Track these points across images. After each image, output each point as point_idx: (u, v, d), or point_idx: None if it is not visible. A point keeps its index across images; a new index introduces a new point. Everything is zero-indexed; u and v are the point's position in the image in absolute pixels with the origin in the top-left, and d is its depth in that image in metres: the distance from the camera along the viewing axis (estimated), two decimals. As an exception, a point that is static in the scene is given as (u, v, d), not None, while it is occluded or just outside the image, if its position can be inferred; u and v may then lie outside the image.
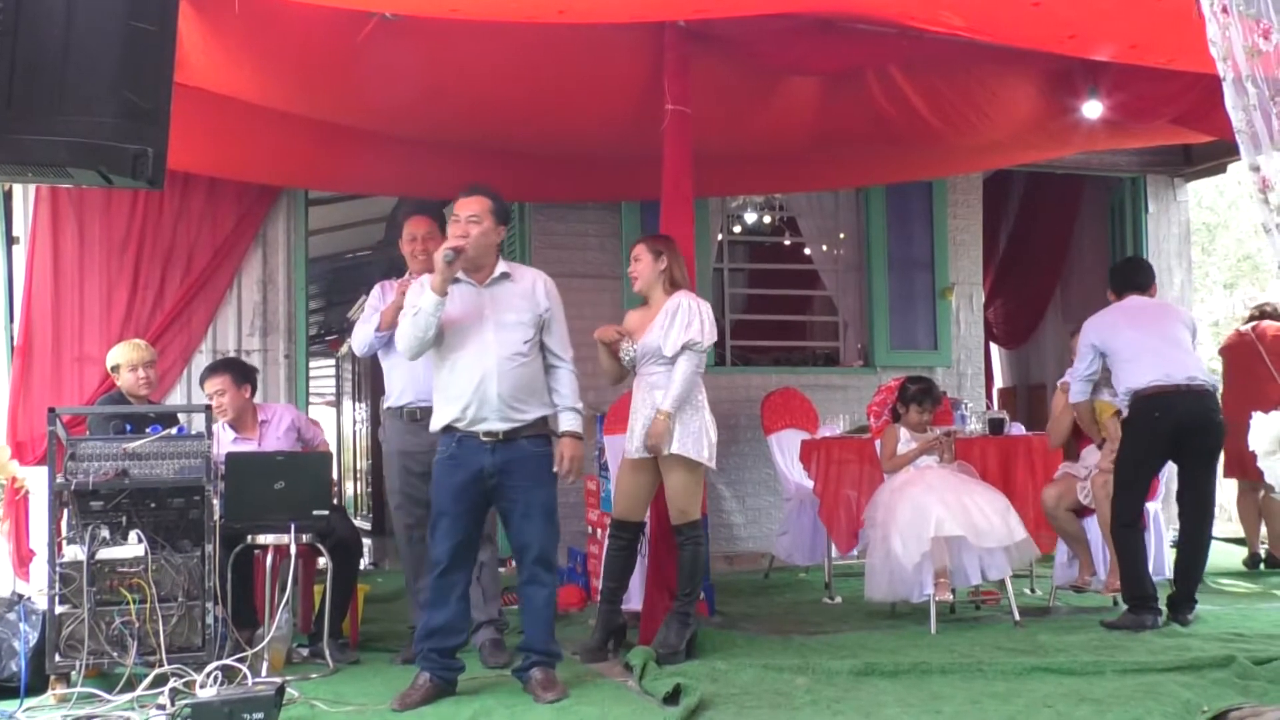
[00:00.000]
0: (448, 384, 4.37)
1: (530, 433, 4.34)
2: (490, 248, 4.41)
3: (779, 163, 6.88)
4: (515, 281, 4.46)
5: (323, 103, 5.52)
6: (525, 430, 4.32)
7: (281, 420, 5.68)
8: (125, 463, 4.45)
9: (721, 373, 8.15)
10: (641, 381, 5.00)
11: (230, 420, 5.53)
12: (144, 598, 4.29)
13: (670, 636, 4.84)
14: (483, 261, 4.40)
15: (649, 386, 4.95)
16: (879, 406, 6.07)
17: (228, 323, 7.02)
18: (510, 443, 4.29)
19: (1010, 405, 10.57)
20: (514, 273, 4.49)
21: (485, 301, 4.38)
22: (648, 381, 4.96)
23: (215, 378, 5.54)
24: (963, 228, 8.91)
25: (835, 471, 6.28)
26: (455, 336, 4.35)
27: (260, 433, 5.60)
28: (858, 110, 5.89)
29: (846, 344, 8.87)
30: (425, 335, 4.27)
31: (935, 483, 5.49)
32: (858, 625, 5.64)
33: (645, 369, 4.98)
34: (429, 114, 5.59)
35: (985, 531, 5.30)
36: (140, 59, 3.55)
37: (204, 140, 5.74)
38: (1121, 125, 6.41)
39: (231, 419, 5.52)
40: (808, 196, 8.81)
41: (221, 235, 6.94)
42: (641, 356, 4.98)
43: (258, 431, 5.59)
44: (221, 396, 5.48)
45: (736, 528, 8.19)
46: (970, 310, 8.89)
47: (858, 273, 8.80)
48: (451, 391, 4.34)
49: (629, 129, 5.65)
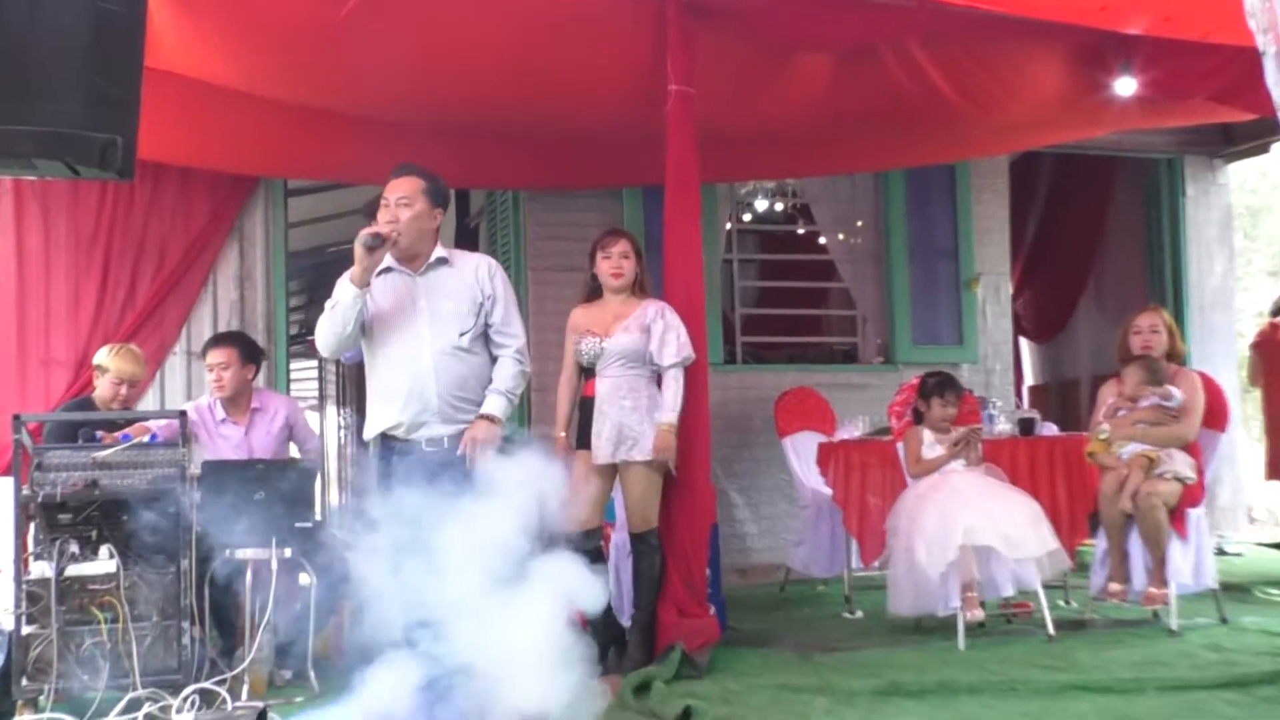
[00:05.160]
0: (381, 385, 4.35)
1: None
2: (425, 233, 4.39)
3: (791, 145, 6.87)
4: (454, 266, 4.43)
5: (303, 85, 5.52)
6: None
7: (276, 414, 5.69)
8: (95, 473, 4.45)
9: (732, 371, 8.15)
10: (605, 383, 5.09)
11: (225, 398, 5.55)
12: (116, 617, 4.30)
13: (636, 651, 4.98)
14: (417, 248, 4.38)
15: (617, 390, 5.06)
16: (901, 406, 6.08)
17: (203, 322, 7.02)
18: (455, 449, 4.27)
19: (1042, 404, 10.56)
20: (454, 259, 4.46)
21: (419, 291, 4.36)
22: (613, 384, 5.07)
23: (221, 349, 5.58)
24: (988, 214, 8.89)
25: (856, 477, 6.28)
26: (387, 331, 4.32)
27: (250, 421, 5.62)
28: (874, 88, 5.88)
29: (865, 340, 8.86)
30: (344, 331, 4.24)
31: (962, 488, 5.49)
32: (880, 641, 5.64)
33: (610, 370, 5.10)
34: (416, 96, 5.60)
35: (1017, 540, 5.30)
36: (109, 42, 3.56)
37: (176, 128, 5.74)
38: (1156, 103, 6.39)
39: (228, 396, 5.54)
40: (822, 182, 8.80)
41: (195, 229, 6.94)
42: (610, 356, 5.08)
43: (247, 419, 5.60)
44: (224, 370, 5.52)
45: (750, 538, 8.19)
46: (997, 302, 8.88)
47: (876, 263, 8.78)
48: (385, 393, 4.32)
49: (630, 111, 5.65)
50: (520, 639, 3.77)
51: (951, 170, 8.72)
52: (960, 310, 8.73)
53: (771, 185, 9.16)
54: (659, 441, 5.02)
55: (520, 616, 3.79)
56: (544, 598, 3.86)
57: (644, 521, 5.13)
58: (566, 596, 3.95)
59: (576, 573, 3.98)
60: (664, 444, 5.03)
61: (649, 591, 5.14)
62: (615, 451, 5.03)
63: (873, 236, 8.81)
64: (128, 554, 4.39)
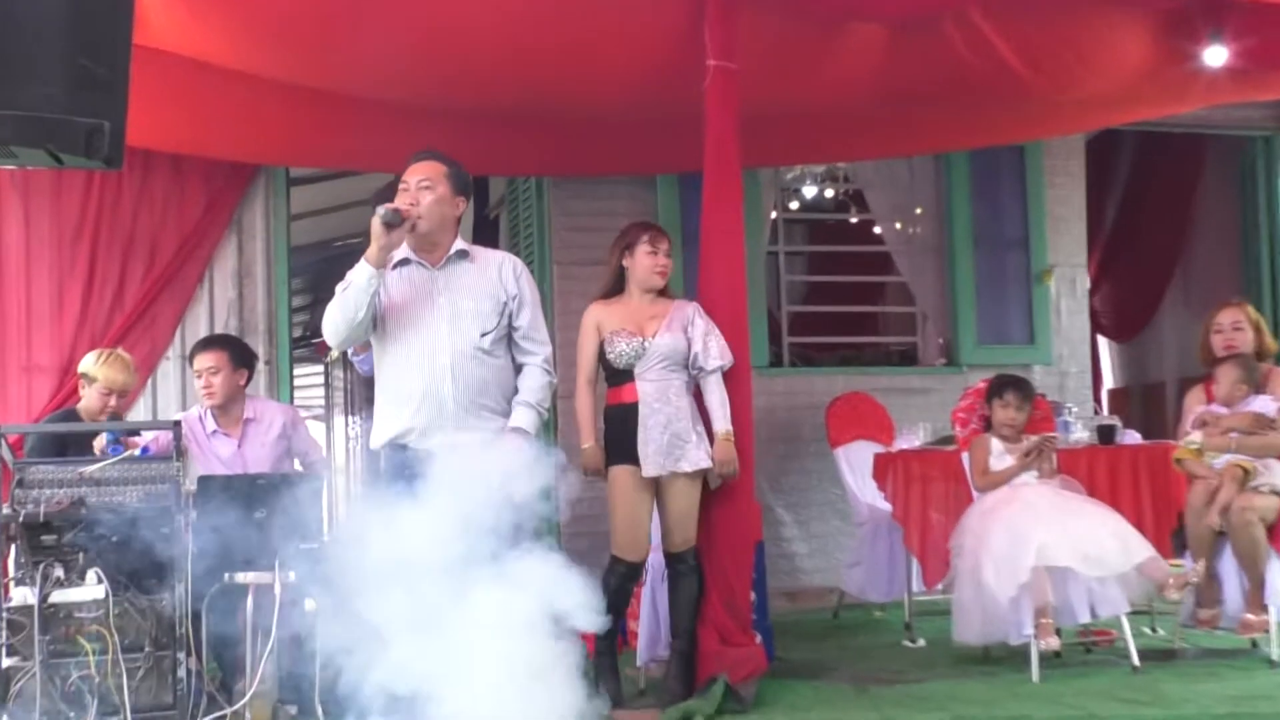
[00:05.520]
0: (392, 386, 4.36)
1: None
2: (447, 220, 4.41)
3: (842, 125, 6.85)
4: (476, 262, 4.44)
5: (305, 64, 5.54)
6: (494, 443, 4.28)
7: (272, 424, 5.71)
8: (82, 490, 4.48)
9: (778, 374, 8.14)
10: (649, 386, 5.12)
11: (216, 406, 5.58)
12: (105, 648, 4.32)
13: (675, 683, 5.03)
14: (436, 238, 4.40)
15: (663, 394, 5.10)
16: (966, 412, 6.06)
17: (198, 323, 7.06)
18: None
19: (1123, 409, 10.48)
20: (475, 254, 4.47)
21: (438, 285, 4.37)
22: (657, 387, 5.12)
23: (210, 353, 5.62)
24: (1062, 199, 8.84)
25: (917, 491, 6.25)
26: (400, 327, 4.33)
27: (243, 432, 5.64)
28: (934, 61, 5.85)
29: (926, 339, 8.83)
30: (355, 318, 4.24)
31: (1035, 502, 5.46)
32: (945, 673, 5.62)
33: (652, 373, 5.14)
34: (430, 74, 5.61)
35: (1096, 559, 5.26)
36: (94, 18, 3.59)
37: (168, 111, 5.78)
38: (1251, 74, 6.34)
39: (218, 404, 5.57)
40: (877, 165, 8.77)
41: (190, 222, 6.98)
42: (653, 357, 5.13)
43: (240, 430, 5.63)
44: (213, 375, 5.56)
45: (799, 558, 8.16)
46: (1073, 297, 8.83)
47: (938, 255, 8.75)
48: (397, 395, 4.33)
49: (664, 89, 5.64)
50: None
51: (1021, 151, 8.67)
52: (1031, 306, 8.68)
53: (821, 170, 9.14)
54: (721, 453, 5.11)
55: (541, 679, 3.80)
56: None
57: (685, 540, 5.16)
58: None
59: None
60: (727, 455, 5.12)
61: (691, 616, 5.16)
62: (666, 462, 5.06)
63: (933, 225, 8.77)
64: (117, 579, 4.41)
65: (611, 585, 5.12)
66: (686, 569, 5.18)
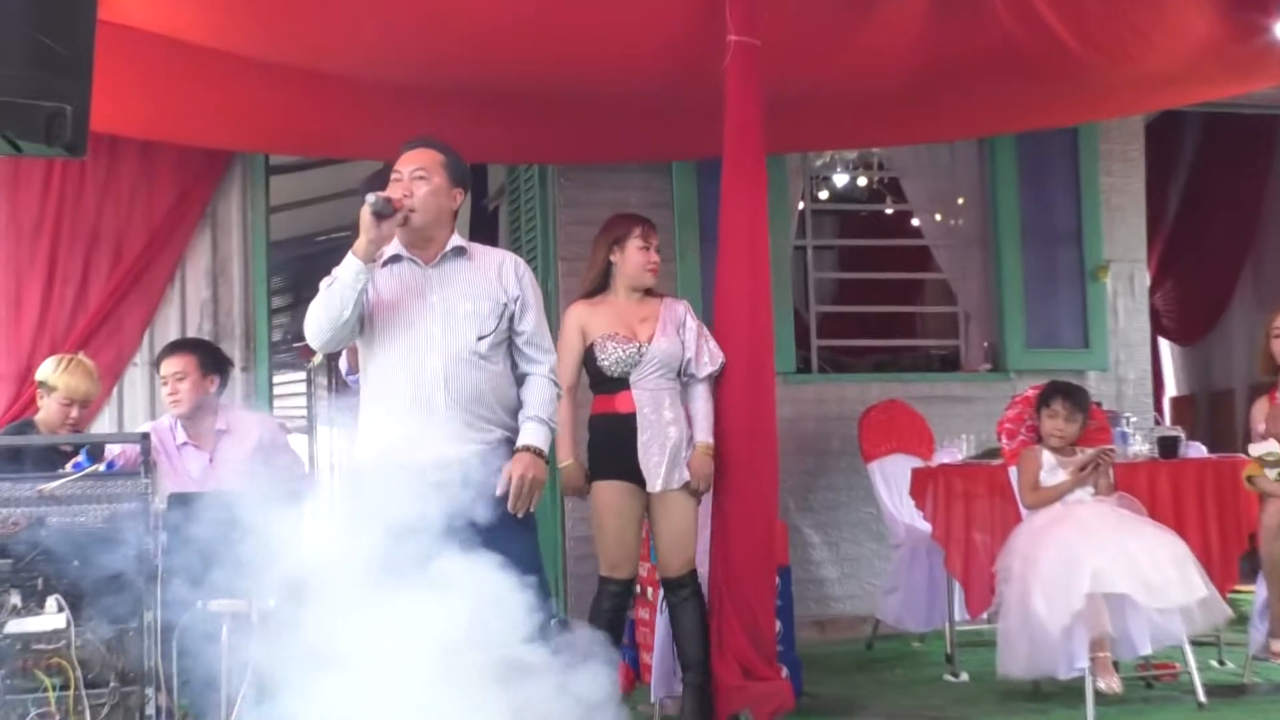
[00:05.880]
0: (378, 393, 4.36)
1: (497, 461, 4.31)
2: (443, 214, 4.41)
3: (876, 107, 6.85)
4: (473, 261, 4.46)
5: (288, 39, 5.56)
6: (490, 458, 4.29)
7: (246, 436, 5.72)
8: (41, 509, 4.49)
9: (806, 382, 8.14)
10: (645, 395, 5.21)
11: (184, 415, 5.59)
12: (66, 682, 4.33)
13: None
14: (431, 232, 4.40)
15: (660, 403, 5.21)
16: (1013, 423, 6.05)
17: (169, 325, 7.08)
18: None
19: (1187, 419, 10.49)
20: (472, 251, 4.48)
21: (431, 284, 4.37)
22: (654, 396, 5.21)
23: (176, 357, 5.63)
24: (1119, 187, 8.84)
25: (959, 509, 6.25)
26: (390, 328, 4.33)
27: (215, 445, 5.66)
28: (978, 36, 5.85)
29: (969, 342, 8.84)
30: (340, 317, 4.24)
31: (1090, 521, 5.45)
32: (990, 710, 5.64)
33: (648, 381, 5.23)
34: (424, 52, 5.62)
35: (1158, 586, 5.25)
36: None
37: (137, 94, 5.80)
38: (1329, 50, 6.34)
39: (186, 413, 5.59)
40: (915, 151, 8.78)
41: (159, 215, 7.00)
42: (649, 364, 5.21)
43: (213, 443, 5.65)
44: (179, 382, 5.57)
45: (829, 584, 8.16)
46: (1131, 296, 8.82)
47: (982, 249, 8.75)
48: (383, 402, 4.34)
49: (680, 66, 5.65)
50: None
51: (1074, 135, 8.67)
52: (1085, 306, 8.67)
53: (853, 156, 9.14)
54: (701, 466, 5.21)
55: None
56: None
57: (686, 562, 5.24)
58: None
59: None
60: (705, 469, 5.23)
61: (702, 644, 5.21)
62: (670, 476, 5.15)
63: (977, 217, 8.78)
64: (80, 606, 4.42)
65: (605, 609, 5.17)
66: (690, 594, 5.23)
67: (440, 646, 3.67)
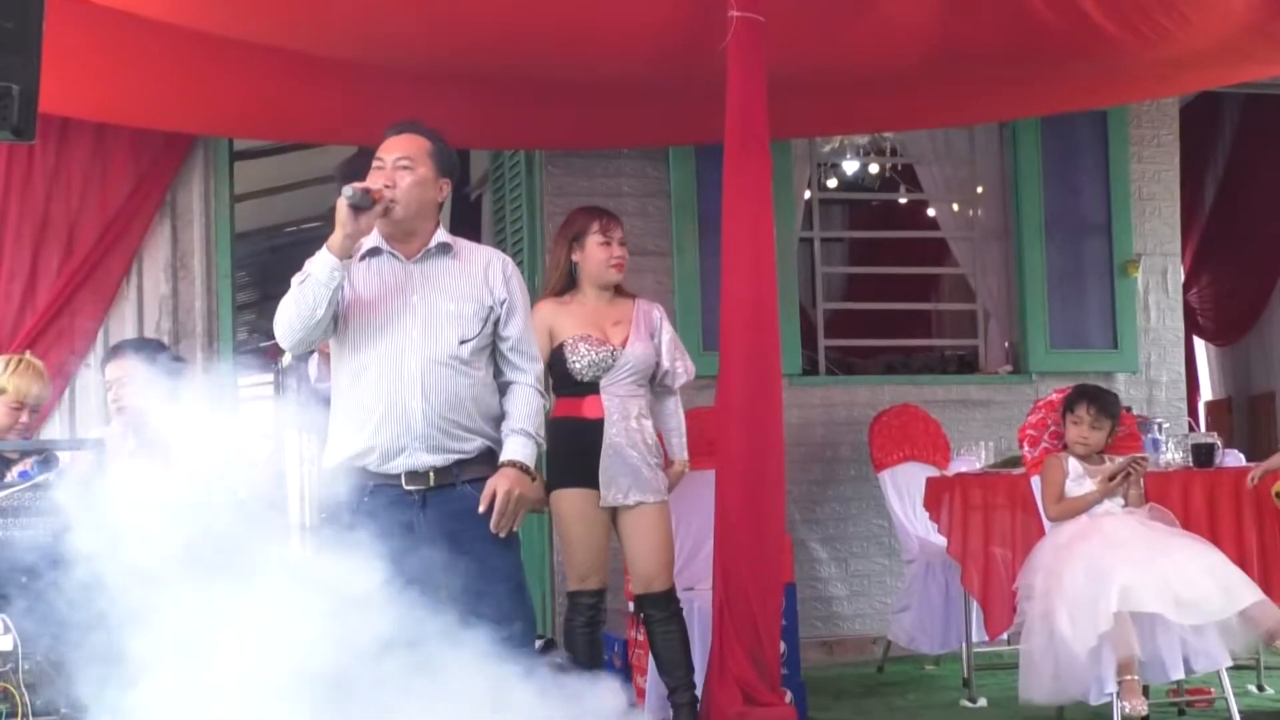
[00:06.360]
0: (350, 398, 4.36)
1: (477, 472, 4.32)
2: (427, 206, 4.40)
3: (889, 89, 6.85)
4: (459, 258, 4.45)
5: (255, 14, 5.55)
6: (470, 468, 4.31)
7: None
8: (-14, 521, 4.49)
9: (813, 385, 8.15)
10: (615, 402, 5.27)
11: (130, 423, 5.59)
12: (14, 709, 4.33)
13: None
14: (414, 225, 4.39)
15: (630, 412, 5.28)
16: (1036, 429, 6.06)
17: (124, 323, 7.06)
18: (447, 488, 4.29)
19: (1223, 425, 10.49)
20: (458, 246, 4.48)
21: (413, 282, 4.36)
22: (623, 403, 5.28)
23: (122, 359, 5.61)
24: (1152, 175, 8.86)
25: (977, 521, 6.26)
26: (365, 328, 4.32)
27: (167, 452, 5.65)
28: (998, 13, 5.87)
29: (988, 342, 8.85)
30: (313, 315, 4.22)
31: (1118, 535, 5.46)
32: (1011, 738, 5.64)
33: (620, 387, 5.30)
34: (402, 29, 5.62)
35: (1191, 604, 5.25)
36: (1, -39, 3.60)
37: (90, 72, 5.79)
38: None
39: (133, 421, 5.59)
40: (930, 136, 8.80)
41: (114, 204, 6.98)
42: (622, 369, 5.28)
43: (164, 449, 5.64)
44: (123, 388, 5.56)
45: (837, 602, 8.18)
46: (1164, 292, 8.84)
47: (1003, 242, 8.77)
48: (355, 408, 4.33)
49: (679, 46, 5.65)
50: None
51: (1102, 119, 8.68)
52: (1114, 303, 8.69)
53: (864, 141, 9.15)
54: (677, 481, 5.44)
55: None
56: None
57: (666, 579, 5.31)
58: None
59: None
60: (676, 485, 5.47)
61: (686, 663, 5.29)
62: (635, 488, 5.21)
63: (997, 207, 8.79)
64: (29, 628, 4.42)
65: (579, 626, 5.23)
66: (671, 614, 5.31)
67: (419, 668, 3.67)
